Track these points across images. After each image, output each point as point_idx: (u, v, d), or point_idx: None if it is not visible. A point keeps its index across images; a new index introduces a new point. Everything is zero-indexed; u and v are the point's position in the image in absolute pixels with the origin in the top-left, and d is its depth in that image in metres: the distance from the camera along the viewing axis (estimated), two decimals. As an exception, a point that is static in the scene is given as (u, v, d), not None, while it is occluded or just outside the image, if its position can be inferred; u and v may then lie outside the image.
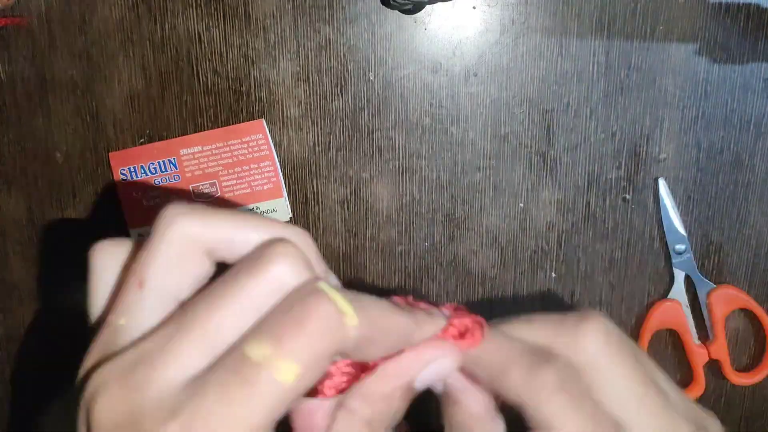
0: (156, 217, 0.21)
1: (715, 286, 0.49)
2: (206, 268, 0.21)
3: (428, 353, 0.22)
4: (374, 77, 0.48)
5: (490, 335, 0.22)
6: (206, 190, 0.49)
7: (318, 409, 0.21)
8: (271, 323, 0.19)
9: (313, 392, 0.20)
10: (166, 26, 0.47)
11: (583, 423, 0.20)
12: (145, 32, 0.47)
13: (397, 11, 0.46)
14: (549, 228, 0.50)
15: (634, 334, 0.51)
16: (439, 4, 0.46)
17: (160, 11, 0.47)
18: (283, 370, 0.18)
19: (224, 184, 0.49)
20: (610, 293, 0.50)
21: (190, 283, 0.20)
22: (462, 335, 0.22)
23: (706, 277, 0.50)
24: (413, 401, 0.22)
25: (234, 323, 0.19)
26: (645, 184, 0.49)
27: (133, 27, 0.47)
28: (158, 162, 0.48)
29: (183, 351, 0.18)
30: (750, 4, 0.47)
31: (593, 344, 0.22)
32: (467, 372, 0.23)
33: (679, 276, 0.50)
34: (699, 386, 0.50)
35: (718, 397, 0.52)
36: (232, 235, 0.20)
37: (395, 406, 0.22)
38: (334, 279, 0.22)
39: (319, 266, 0.21)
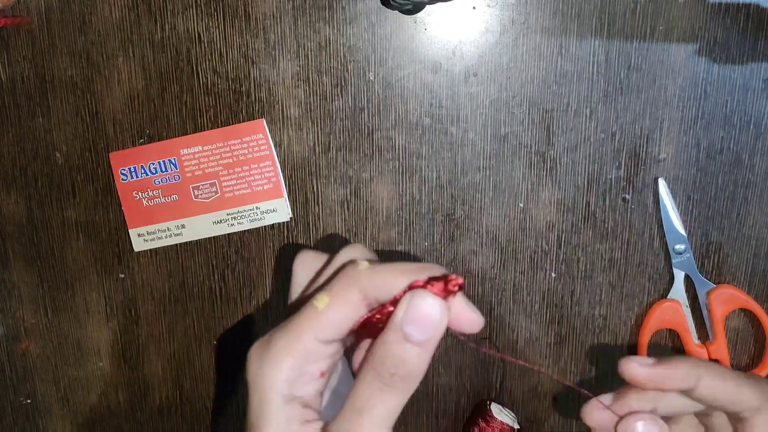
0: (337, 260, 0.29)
1: (714, 286, 0.50)
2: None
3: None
4: (374, 77, 0.48)
5: (735, 379, 0.31)
6: (206, 190, 0.49)
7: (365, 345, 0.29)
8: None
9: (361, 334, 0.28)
10: (166, 26, 0.47)
11: None
12: (145, 32, 0.47)
13: (397, 11, 0.46)
14: (549, 228, 0.50)
15: (634, 333, 0.51)
16: (439, 4, 0.46)
17: (160, 11, 0.47)
18: (320, 299, 0.27)
19: (224, 184, 0.49)
20: (610, 293, 0.51)
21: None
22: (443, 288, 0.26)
23: (705, 277, 0.50)
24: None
25: None
26: (645, 184, 0.49)
27: (133, 27, 0.47)
28: (158, 162, 0.49)
29: None
30: (750, 4, 0.47)
31: None
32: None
33: (679, 276, 0.50)
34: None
35: (718, 397, 0.52)
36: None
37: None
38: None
39: None
